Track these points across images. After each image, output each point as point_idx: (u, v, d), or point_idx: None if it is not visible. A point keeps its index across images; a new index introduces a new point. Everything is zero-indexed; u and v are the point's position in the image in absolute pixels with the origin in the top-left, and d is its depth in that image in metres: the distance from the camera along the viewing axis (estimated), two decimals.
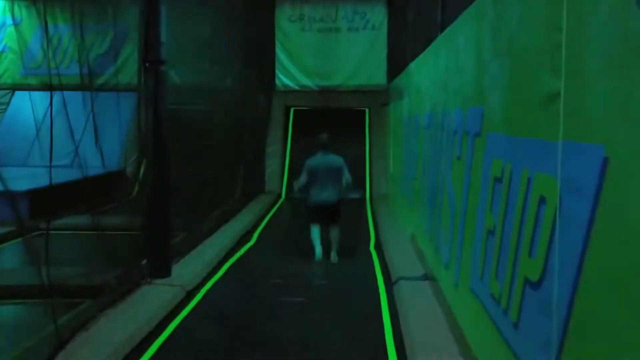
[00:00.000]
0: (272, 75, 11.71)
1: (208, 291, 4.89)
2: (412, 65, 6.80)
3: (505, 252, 2.51)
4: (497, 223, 2.69)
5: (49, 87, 5.25)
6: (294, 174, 10.58)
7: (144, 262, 4.85)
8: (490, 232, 2.79)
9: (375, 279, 5.24)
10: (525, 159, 2.36)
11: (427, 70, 5.56)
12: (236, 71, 9.04)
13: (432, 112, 5.05)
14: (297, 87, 11.70)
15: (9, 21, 11.85)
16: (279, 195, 10.34)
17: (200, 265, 5.41)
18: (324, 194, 5.97)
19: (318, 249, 5.91)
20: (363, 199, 10.08)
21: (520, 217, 2.35)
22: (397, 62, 9.73)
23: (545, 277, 2.07)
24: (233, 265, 5.79)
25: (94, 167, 7.46)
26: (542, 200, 2.13)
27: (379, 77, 11.39)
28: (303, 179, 6.07)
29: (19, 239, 5.79)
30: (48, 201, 5.54)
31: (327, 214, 6.00)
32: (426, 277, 4.74)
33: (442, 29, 5.05)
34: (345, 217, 8.38)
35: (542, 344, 2.02)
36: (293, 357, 3.64)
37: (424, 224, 5.18)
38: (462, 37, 3.87)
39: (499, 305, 2.55)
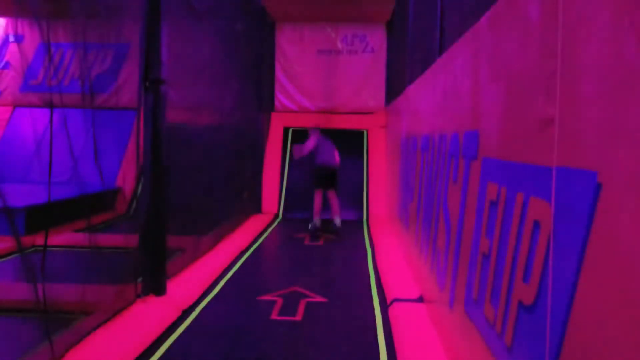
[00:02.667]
0: (272, 95, 11.81)
1: (203, 309, 4.87)
2: (410, 88, 6.87)
3: (500, 275, 2.52)
4: (491, 246, 2.70)
5: (49, 105, 5.29)
6: (290, 194, 10.63)
7: (139, 279, 4.83)
8: (485, 256, 2.80)
9: (372, 300, 5.23)
10: (520, 183, 2.39)
11: (424, 94, 5.62)
12: (235, 91, 9.11)
13: (429, 135, 5.09)
14: (296, 108, 11.78)
15: (11, 38, 11.97)
16: (276, 215, 10.35)
17: (196, 284, 5.40)
18: (331, 158, 7.96)
19: (316, 219, 7.84)
20: (360, 219, 10.09)
21: (515, 241, 2.37)
22: (395, 85, 9.83)
23: (538, 301, 2.08)
24: (228, 283, 5.78)
25: (93, 184, 7.49)
26: (536, 225, 2.16)
27: (378, 99, 11.50)
28: (311, 143, 7.80)
29: (15, 255, 5.80)
30: (45, 217, 5.55)
31: (330, 178, 7.90)
32: (422, 299, 4.74)
33: (440, 53, 5.13)
34: (343, 237, 8.43)
35: None
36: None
37: (420, 246, 5.19)
38: (459, 61, 3.93)
39: (494, 328, 2.56)
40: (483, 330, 2.75)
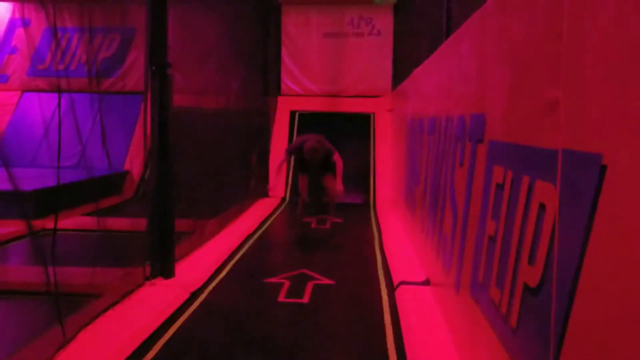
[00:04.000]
0: (278, 79, 11.78)
1: (211, 292, 4.92)
2: (417, 71, 6.83)
3: (506, 258, 2.53)
4: (497, 229, 2.71)
5: (56, 89, 5.32)
6: (296, 177, 10.62)
7: (148, 262, 4.89)
8: (491, 238, 2.81)
9: (378, 283, 5.27)
10: (526, 166, 2.39)
11: (431, 76, 5.60)
12: (242, 75, 9.09)
13: (435, 118, 5.08)
14: (302, 92, 11.76)
15: (18, 23, 11.97)
16: (283, 199, 10.38)
17: (204, 266, 5.46)
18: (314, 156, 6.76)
19: (303, 197, 7.19)
20: (367, 203, 10.11)
21: (521, 223, 2.37)
22: (402, 68, 9.78)
23: (544, 283, 2.09)
24: (236, 266, 5.84)
25: (100, 168, 7.54)
26: (541, 208, 2.16)
27: (384, 82, 11.45)
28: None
29: (26, 238, 5.86)
30: (54, 201, 5.60)
31: (317, 165, 6.89)
32: (428, 282, 4.77)
33: (447, 35, 5.10)
34: (349, 221, 8.45)
35: (540, 349, 2.04)
36: (294, 356, 3.67)
37: (426, 230, 5.21)
38: (465, 44, 3.90)
39: (499, 310, 2.58)
40: (488, 313, 2.77)
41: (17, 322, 4.29)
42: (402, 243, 6.44)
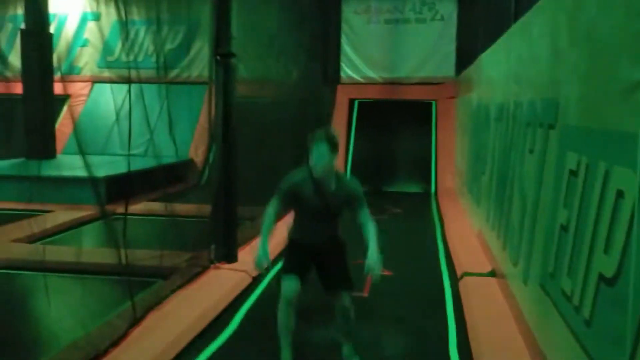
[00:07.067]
0: (337, 67, 11.75)
1: (273, 277, 4.99)
2: (483, 56, 6.64)
3: (579, 247, 2.43)
4: (571, 218, 2.60)
5: (125, 80, 5.50)
6: (355, 165, 10.59)
7: (212, 247, 5.01)
8: (563, 228, 2.71)
9: (440, 274, 5.19)
10: (603, 151, 2.28)
11: (498, 61, 5.43)
12: (301, 64, 9.12)
13: (503, 104, 4.93)
14: (362, 80, 11.69)
15: (89, 16, 12.49)
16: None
17: None
18: (317, 235, 3.29)
19: (285, 354, 3.17)
20: (428, 193, 9.96)
21: (596, 212, 2.27)
22: (466, 54, 9.53)
23: (620, 273, 2.00)
24: None
25: (168, 156, 7.78)
26: (619, 195, 2.05)
27: (447, 68, 11.20)
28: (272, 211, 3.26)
29: (99, 222, 6.13)
30: (125, 187, 5.83)
31: (320, 258, 3.27)
32: (493, 273, 4.65)
33: (516, 18, 4.92)
34: (408, 211, 8.33)
35: (615, 341, 1.95)
36: (356, 344, 3.67)
37: (492, 219, 5.08)
38: (536, 26, 3.76)
39: (571, 302, 2.48)
40: (560, 304, 2.67)
41: (93, 300, 4.50)
42: (466, 233, 6.31)
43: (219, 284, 4.53)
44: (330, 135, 3.10)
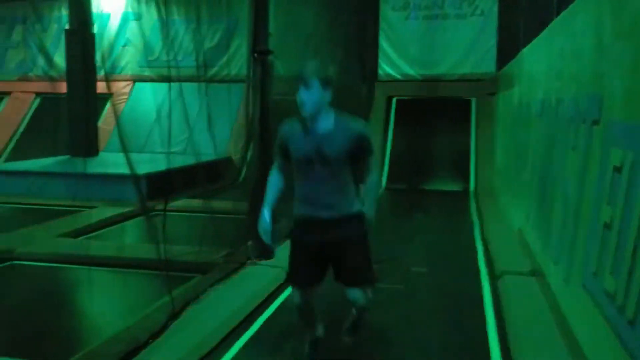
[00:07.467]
0: (375, 65, 11.69)
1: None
2: (524, 51, 6.50)
3: (624, 246, 2.35)
4: (614, 216, 2.52)
5: (166, 79, 5.62)
6: (394, 164, 10.52)
7: (249, 243, 5.06)
8: (607, 226, 2.63)
9: (478, 273, 5.11)
10: None
11: (540, 56, 5.30)
12: (339, 61, 9.12)
13: (545, 99, 4.81)
14: (400, 77, 11.59)
15: (131, 16, 12.78)
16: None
17: None
18: (319, 204, 2.67)
19: (317, 331, 3.07)
20: (467, 191, 9.80)
21: None
22: (507, 49, 9.35)
23: None
24: None
25: (207, 153, 7.90)
26: None
27: (487, 65, 10.99)
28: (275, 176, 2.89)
29: (140, 218, 6.28)
30: (165, 184, 5.94)
31: (330, 253, 2.73)
32: (533, 272, 4.55)
33: (558, 12, 4.80)
34: (447, 209, 8.23)
35: None
36: (392, 340, 3.66)
37: (532, 218, 4.97)
38: (579, 20, 3.65)
39: (614, 301, 2.40)
40: (602, 303, 2.59)
41: (133, 294, 4.62)
42: (505, 231, 6.19)
43: (255, 280, 4.57)
44: (319, 68, 2.61)
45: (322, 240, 2.69)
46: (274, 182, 2.80)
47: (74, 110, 9.53)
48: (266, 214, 2.70)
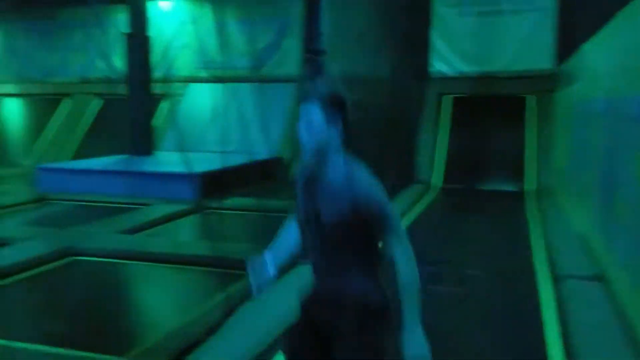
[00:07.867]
0: (426, 62, 11.51)
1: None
2: (585, 47, 6.25)
3: None
4: None
5: (219, 79, 5.72)
6: (447, 163, 10.30)
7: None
8: None
9: (534, 276, 4.94)
10: None
11: (602, 52, 5.08)
12: (391, 59, 9.03)
13: (608, 97, 4.60)
14: (452, 74, 11.37)
15: (186, 18, 13.05)
16: (433, 185, 10.15)
17: None
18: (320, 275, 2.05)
19: None
20: (523, 192, 9.51)
21: None
22: (566, 45, 9.02)
23: None
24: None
25: (259, 152, 7.99)
26: None
27: (545, 61, 10.63)
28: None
29: (195, 215, 6.39)
30: (219, 183, 6.05)
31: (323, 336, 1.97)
32: (596, 277, 4.37)
33: (621, 5, 4.58)
34: (502, 211, 7.97)
35: None
36: (448, 345, 3.58)
37: (595, 220, 4.77)
38: None
39: None
40: None
41: (189, 290, 4.70)
42: (566, 234, 5.97)
43: (306, 278, 4.56)
44: (322, 85, 1.81)
45: (321, 311, 1.96)
46: (289, 227, 2.13)
47: (133, 111, 9.83)
48: (266, 257, 2.04)
